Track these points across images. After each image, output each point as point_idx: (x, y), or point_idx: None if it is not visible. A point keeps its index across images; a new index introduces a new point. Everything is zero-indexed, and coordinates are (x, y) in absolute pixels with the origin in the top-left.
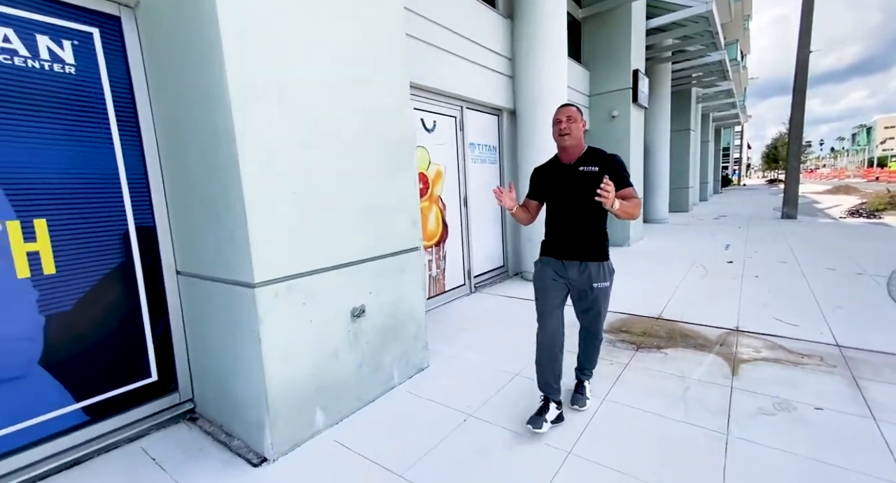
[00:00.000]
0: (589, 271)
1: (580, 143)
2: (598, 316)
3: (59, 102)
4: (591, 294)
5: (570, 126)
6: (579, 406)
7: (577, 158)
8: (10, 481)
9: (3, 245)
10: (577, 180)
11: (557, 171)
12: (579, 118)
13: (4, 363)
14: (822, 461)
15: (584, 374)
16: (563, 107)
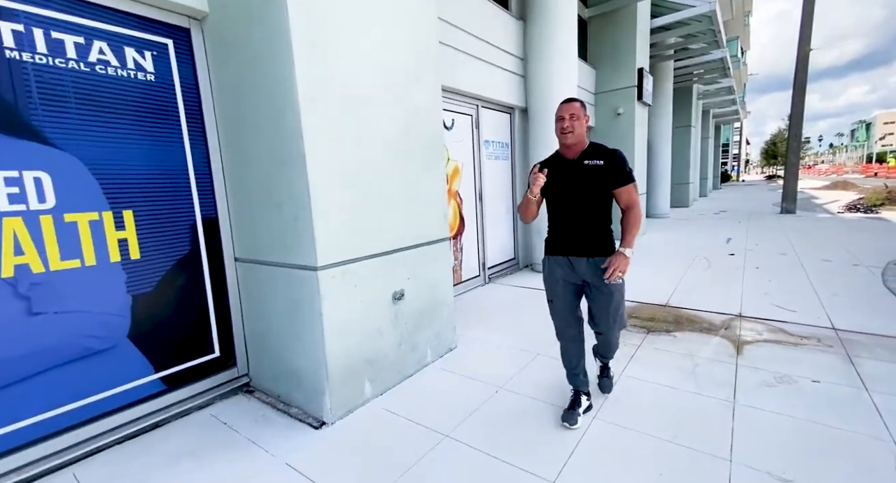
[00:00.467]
0: (597, 267)
1: (583, 139)
2: (617, 315)
3: (141, 106)
4: (603, 291)
5: (572, 124)
6: (605, 390)
7: (581, 153)
8: (105, 439)
9: (99, 232)
10: (582, 175)
11: (561, 166)
12: (582, 114)
13: (101, 336)
14: (819, 423)
15: (605, 357)
16: (567, 102)
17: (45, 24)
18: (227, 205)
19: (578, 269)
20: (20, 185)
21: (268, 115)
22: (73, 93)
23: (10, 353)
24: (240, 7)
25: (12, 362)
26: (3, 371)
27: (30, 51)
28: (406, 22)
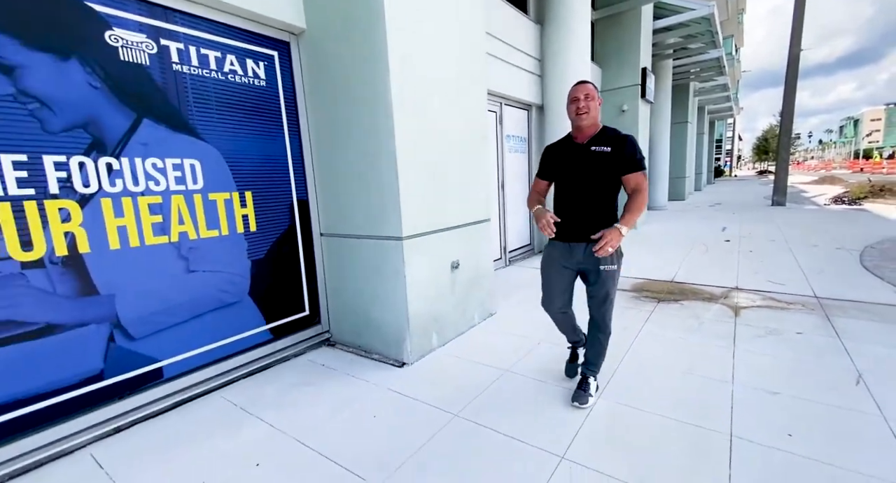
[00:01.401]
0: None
1: (596, 121)
2: (606, 301)
3: (255, 106)
4: (597, 277)
5: (588, 104)
6: (580, 403)
7: (591, 138)
8: (235, 373)
9: (230, 209)
10: (588, 160)
11: (569, 150)
12: (596, 96)
13: (232, 292)
14: (800, 359)
15: (588, 369)
16: (580, 84)
17: (196, 42)
18: (315, 189)
19: (576, 255)
20: (182, 170)
21: (361, 116)
22: (214, 96)
23: (178, 300)
24: (336, 26)
25: (179, 307)
26: (174, 313)
27: (187, 64)
28: (464, 38)
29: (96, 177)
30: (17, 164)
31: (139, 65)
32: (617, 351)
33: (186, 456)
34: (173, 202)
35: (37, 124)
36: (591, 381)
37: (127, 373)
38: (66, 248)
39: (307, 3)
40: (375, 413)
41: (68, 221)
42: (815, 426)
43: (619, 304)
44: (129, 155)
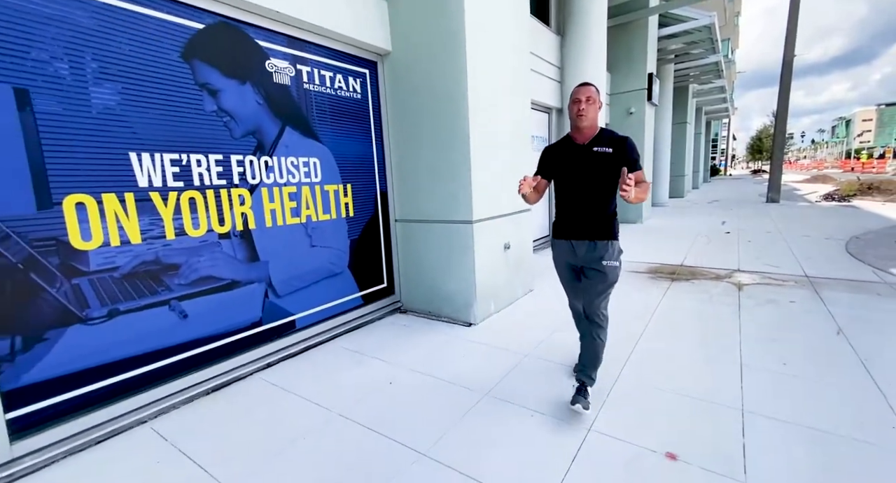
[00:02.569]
0: (598, 250)
1: (595, 124)
2: (604, 293)
3: (353, 115)
4: (598, 271)
5: (588, 107)
6: (582, 407)
7: (591, 139)
8: (337, 330)
9: (338, 197)
10: (590, 161)
11: (570, 150)
12: (597, 99)
13: (338, 264)
14: (794, 319)
15: (585, 375)
16: (582, 86)
17: (317, 65)
18: (392, 183)
19: (579, 253)
20: (308, 167)
21: (438, 122)
22: (328, 107)
23: (305, 268)
24: (419, 49)
25: (306, 274)
26: (303, 278)
27: (312, 83)
28: (515, 57)
29: (259, 171)
30: (217, 162)
31: (284, 85)
32: (645, 312)
33: (333, 380)
34: (303, 191)
35: (227, 132)
36: (589, 390)
37: (275, 321)
38: (242, 225)
39: (393, 31)
40: (463, 354)
41: (243, 205)
42: (803, 358)
43: (639, 282)
44: (277, 154)
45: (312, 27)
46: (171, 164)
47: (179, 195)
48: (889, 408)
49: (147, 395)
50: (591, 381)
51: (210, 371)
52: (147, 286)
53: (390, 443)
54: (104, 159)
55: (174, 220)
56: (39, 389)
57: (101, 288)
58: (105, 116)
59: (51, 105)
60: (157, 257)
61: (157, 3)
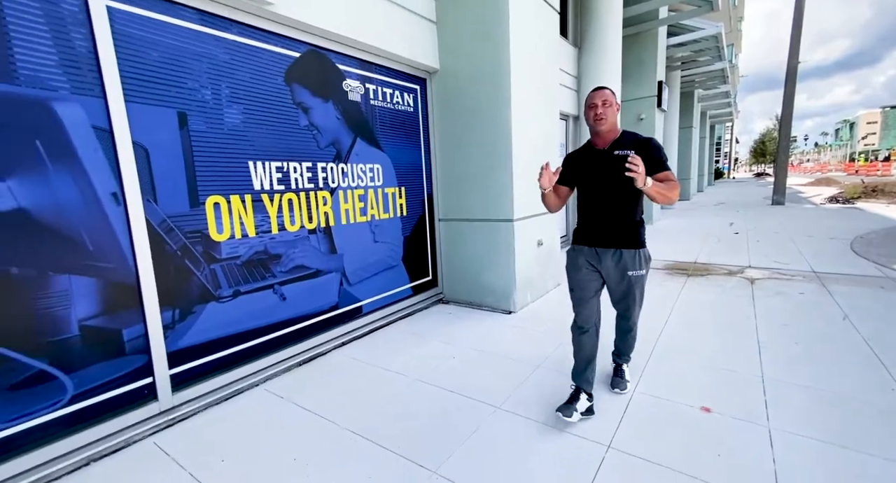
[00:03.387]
0: (624, 259)
1: (615, 127)
2: (634, 305)
3: (406, 126)
4: (625, 283)
5: (605, 111)
6: (620, 389)
7: (612, 143)
8: (394, 316)
9: (395, 199)
10: (611, 165)
11: (591, 156)
12: (614, 102)
13: (394, 258)
14: (803, 308)
15: (621, 359)
16: (597, 90)
17: (380, 83)
18: (437, 186)
19: (605, 262)
20: (373, 172)
21: (482, 133)
22: (388, 120)
23: (369, 261)
24: (466, 68)
25: (370, 265)
26: (367, 270)
27: (376, 99)
28: (545, 72)
29: (337, 176)
30: (307, 168)
31: (356, 102)
32: (667, 302)
33: (404, 354)
34: (368, 194)
35: (315, 144)
36: (625, 368)
37: (347, 306)
38: (324, 222)
39: (441, 51)
40: (510, 335)
41: (325, 205)
42: (813, 338)
43: (658, 277)
44: (350, 162)
45: (377, 50)
46: (276, 171)
47: (281, 196)
48: (890, 376)
49: (258, 363)
50: (628, 360)
51: (301, 346)
52: (258, 272)
53: (468, 400)
54: (232, 167)
55: (277, 217)
56: (189, 353)
57: (228, 273)
58: (232, 132)
59: (199, 124)
60: (265, 248)
61: (268, 37)
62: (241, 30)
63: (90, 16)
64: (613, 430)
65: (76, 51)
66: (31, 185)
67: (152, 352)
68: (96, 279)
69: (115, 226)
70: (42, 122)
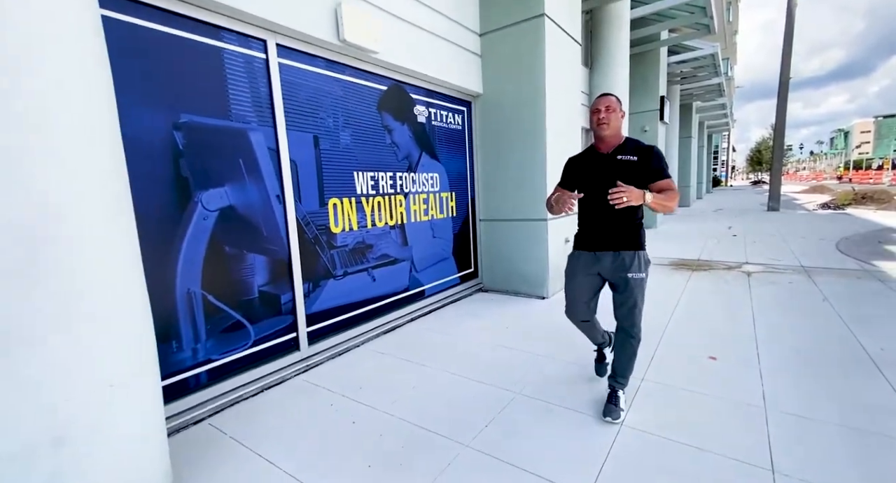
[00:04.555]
0: (623, 261)
1: (618, 133)
2: (634, 309)
3: (455, 141)
4: (625, 285)
5: (608, 116)
6: (612, 419)
7: (615, 148)
8: (446, 301)
9: (447, 202)
10: (614, 170)
11: (594, 160)
12: (618, 108)
13: (446, 251)
14: (791, 293)
15: (617, 382)
16: (602, 96)
17: (438, 107)
18: (479, 191)
19: (604, 265)
20: (432, 180)
21: (521, 146)
22: (444, 137)
23: (429, 252)
24: (507, 92)
25: (430, 256)
26: (428, 260)
27: (435, 120)
28: (570, 92)
29: (409, 183)
30: (390, 177)
31: (422, 123)
32: (675, 291)
33: (463, 325)
34: (430, 197)
35: (395, 158)
36: (621, 395)
37: (415, 289)
38: (400, 220)
39: (485, 79)
40: (547, 314)
41: (401, 207)
42: (798, 314)
43: (665, 272)
44: (418, 172)
45: (437, 80)
46: (370, 179)
47: (373, 199)
48: (853, 336)
49: (358, 329)
50: (624, 384)
51: (385, 318)
52: (358, 258)
53: (536, 355)
54: (344, 176)
55: (370, 215)
56: (318, 316)
57: (340, 257)
58: (345, 150)
59: (325, 144)
60: (363, 240)
61: (368, 76)
62: (352, 72)
63: (269, 69)
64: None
65: (260, 94)
66: (236, 189)
67: (297, 313)
68: (267, 257)
69: (278, 219)
70: (242, 145)
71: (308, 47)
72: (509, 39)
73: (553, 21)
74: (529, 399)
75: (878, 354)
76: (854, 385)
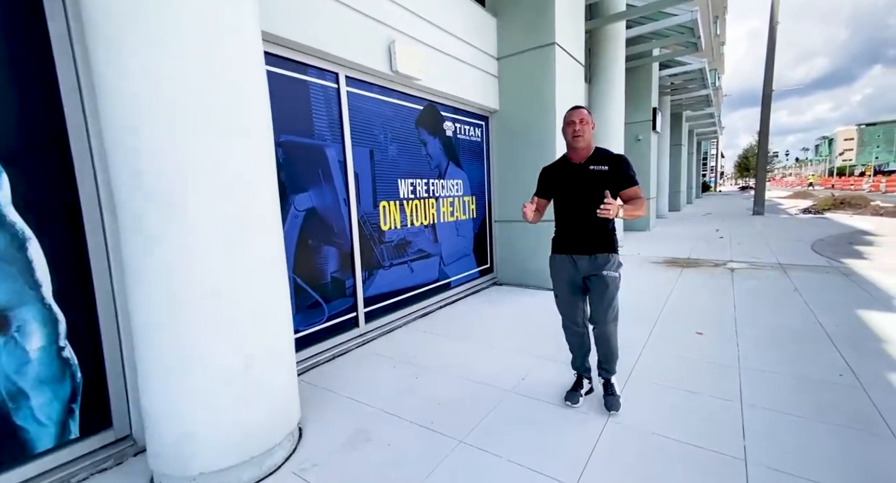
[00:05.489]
0: (598, 261)
1: (590, 143)
2: (611, 307)
3: (475, 152)
4: (601, 281)
5: (583, 128)
6: (615, 410)
7: (587, 158)
8: (467, 292)
9: (468, 205)
10: (587, 179)
11: (568, 170)
12: (590, 120)
13: (467, 248)
14: (768, 284)
15: (607, 372)
16: (575, 109)
17: (462, 123)
18: (495, 195)
19: (581, 267)
20: (456, 186)
21: (534, 155)
22: (466, 148)
23: (454, 249)
24: (521, 108)
25: (455, 252)
26: (453, 256)
27: (460, 134)
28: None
29: (438, 189)
30: (424, 183)
31: (449, 136)
32: (669, 285)
33: (487, 311)
34: (455, 201)
35: (428, 167)
36: (614, 381)
37: (443, 280)
38: (432, 221)
39: (501, 96)
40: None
41: (433, 209)
42: (772, 301)
43: (659, 268)
44: (445, 178)
45: (462, 99)
46: (409, 185)
47: (412, 202)
48: (814, 316)
49: (400, 312)
50: (613, 370)
51: (420, 304)
52: (401, 252)
53: (549, 332)
54: (391, 183)
55: (410, 216)
56: (372, 299)
57: (387, 251)
58: (391, 161)
59: (378, 157)
60: (404, 237)
61: (409, 98)
62: (398, 96)
63: (340, 96)
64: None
65: (333, 117)
66: (316, 194)
67: (357, 296)
68: (337, 249)
69: (345, 219)
70: (320, 159)
71: (368, 77)
72: (523, 63)
73: (562, 48)
74: (548, 361)
75: (833, 331)
76: (810, 351)
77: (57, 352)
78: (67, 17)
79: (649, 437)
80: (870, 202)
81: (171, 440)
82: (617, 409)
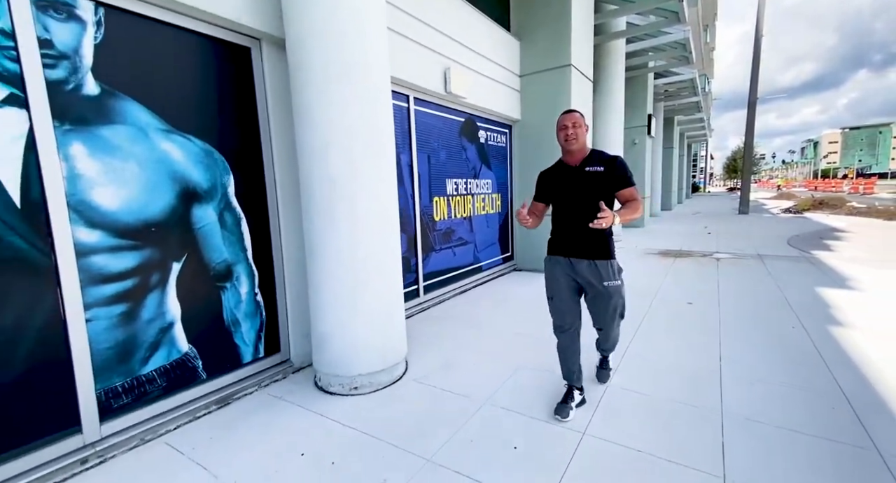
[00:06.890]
0: (598, 270)
1: (584, 146)
2: (615, 314)
3: (501, 155)
4: (604, 293)
5: (576, 131)
6: (602, 381)
7: (583, 160)
8: (493, 276)
9: (495, 200)
10: (583, 180)
11: (564, 173)
12: (583, 123)
13: (493, 237)
14: (747, 270)
15: (605, 351)
16: (568, 113)
17: (491, 131)
18: (515, 193)
19: (579, 271)
20: (487, 185)
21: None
22: (494, 152)
23: (484, 238)
24: (538, 117)
25: (485, 240)
26: (484, 244)
27: (489, 141)
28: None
29: (474, 187)
30: (465, 182)
31: (482, 143)
32: (665, 269)
33: (518, 289)
34: (486, 198)
35: (467, 168)
36: (609, 358)
37: (477, 264)
38: (469, 214)
39: (522, 108)
40: None
41: (469, 204)
42: (750, 282)
43: (655, 258)
44: (479, 179)
45: (493, 112)
46: (454, 184)
47: (455, 198)
48: (785, 299)
49: (447, 288)
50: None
51: (459, 283)
52: (447, 239)
53: None
54: (441, 182)
55: (454, 209)
56: (427, 275)
57: (437, 237)
58: (442, 164)
59: (433, 160)
60: (450, 226)
61: (455, 112)
62: (447, 110)
63: (409, 113)
64: (647, 307)
65: (406, 130)
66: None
67: (419, 272)
68: (406, 235)
69: (410, 210)
70: (399, 163)
71: (428, 97)
72: (543, 80)
73: (576, 68)
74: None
75: (794, 302)
76: (774, 316)
77: (253, 297)
78: (265, 78)
79: (654, 375)
80: (846, 203)
81: (340, 351)
82: (604, 381)
